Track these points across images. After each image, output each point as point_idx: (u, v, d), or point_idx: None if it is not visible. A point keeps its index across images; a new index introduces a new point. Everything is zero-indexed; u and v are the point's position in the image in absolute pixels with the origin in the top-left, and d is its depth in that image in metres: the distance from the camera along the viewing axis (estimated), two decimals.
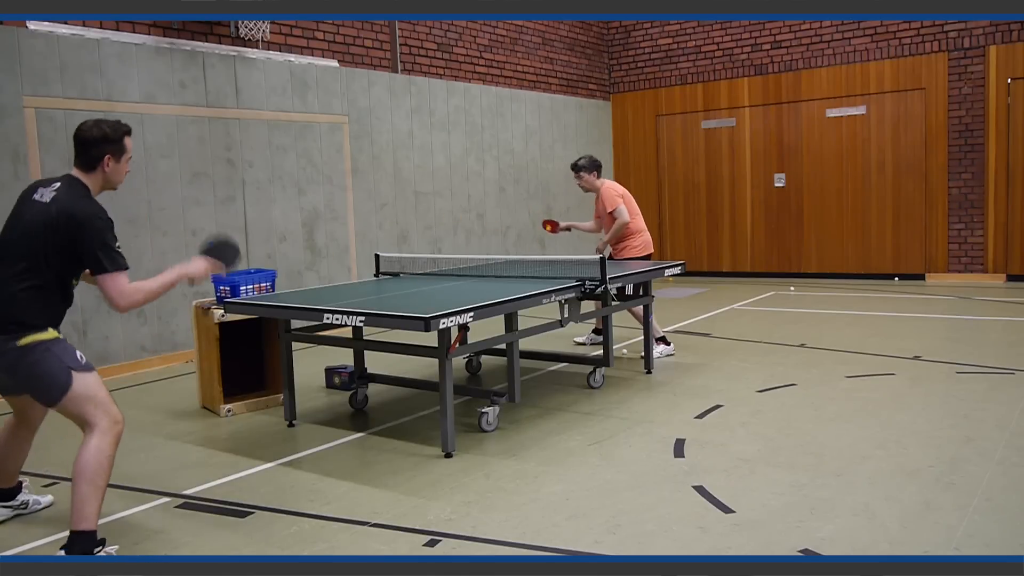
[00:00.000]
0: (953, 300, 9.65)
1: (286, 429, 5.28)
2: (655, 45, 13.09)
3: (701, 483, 4.00)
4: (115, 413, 3.41)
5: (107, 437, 3.34)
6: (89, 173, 3.51)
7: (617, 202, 7.01)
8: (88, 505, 3.26)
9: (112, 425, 3.37)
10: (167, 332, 7.48)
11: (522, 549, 3.39)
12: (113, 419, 3.39)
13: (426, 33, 10.22)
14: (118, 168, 3.56)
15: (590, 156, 7.25)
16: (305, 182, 8.65)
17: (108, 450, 3.33)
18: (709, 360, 6.80)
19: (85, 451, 3.30)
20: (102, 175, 3.53)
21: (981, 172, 10.84)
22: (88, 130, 3.50)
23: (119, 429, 3.41)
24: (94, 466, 3.28)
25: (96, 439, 3.32)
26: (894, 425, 4.83)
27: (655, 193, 13.21)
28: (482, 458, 4.52)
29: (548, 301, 5.09)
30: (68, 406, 3.36)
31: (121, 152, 3.55)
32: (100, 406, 3.37)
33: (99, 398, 3.38)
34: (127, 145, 3.59)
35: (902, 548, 3.24)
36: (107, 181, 3.56)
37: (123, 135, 3.56)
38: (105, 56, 7.05)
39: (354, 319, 4.40)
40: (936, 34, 10.98)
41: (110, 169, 3.53)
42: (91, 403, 3.36)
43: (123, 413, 3.47)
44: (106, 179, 3.55)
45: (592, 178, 7.15)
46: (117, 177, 3.58)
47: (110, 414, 3.38)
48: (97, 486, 3.28)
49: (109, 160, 3.51)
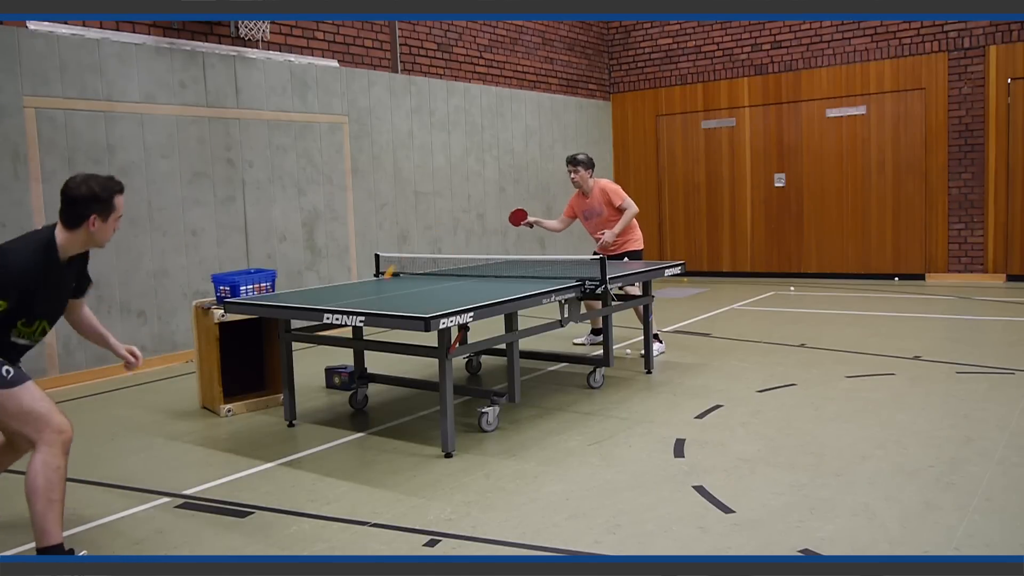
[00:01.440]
0: (953, 300, 9.65)
1: (286, 429, 5.28)
2: (655, 45, 13.09)
3: (701, 483, 4.00)
4: (57, 423, 3.24)
5: (52, 449, 3.20)
6: (71, 230, 3.33)
7: (625, 195, 7.18)
8: (46, 521, 3.18)
9: (56, 436, 3.22)
10: (167, 332, 7.48)
11: (522, 549, 3.39)
12: (56, 430, 3.23)
13: (426, 33, 10.22)
14: (104, 228, 3.36)
15: (587, 154, 7.34)
16: (305, 182, 8.65)
17: (55, 462, 3.20)
18: (709, 360, 6.80)
19: (32, 468, 3.19)
20: (86, 234, 3.34)
21: (981, 172, 10.84)
22: (76, 187, 3.29)
23: (65, 438, 3.25)
24: (43, 483, 3.17)
25: (41, 455, 3.20)
26: (894, 425, 4.83)
27: (655, 193, 13.21)
28: (482, 458, 4.52)
29: (548, 301, 5.09)
30: (4, 421, 3.26)
31: (109, 212, 3.34)
32: (38, 420, 3.22)
33: (35, 411, 3.22)
34: (117, 204, 3.37)
35: (902, 548, 3.23)
36: (91, 240, 3.38)
37: (113, 194, 3.35)
38: (105, 56, 7.05)
39: (354, 319, 4.40)
40: (936, 34, 10.98)
41: (95, 229, 3.33)
42: (27, 418, 3.22)
43: (71, 420, 3.33)
44: (90, 238, 3.36)
45: (587, 175, 7.21)
46: (103, 236, 3.38)
47: (51, 425, 3.22)
48: (51, 500, 3.18)
49: (95, 220, 3.31)
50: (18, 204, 6.50)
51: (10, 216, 6.43)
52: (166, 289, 7.48)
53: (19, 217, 6.46)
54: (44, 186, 6.62)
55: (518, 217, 7.32)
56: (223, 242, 7.91)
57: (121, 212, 3.42)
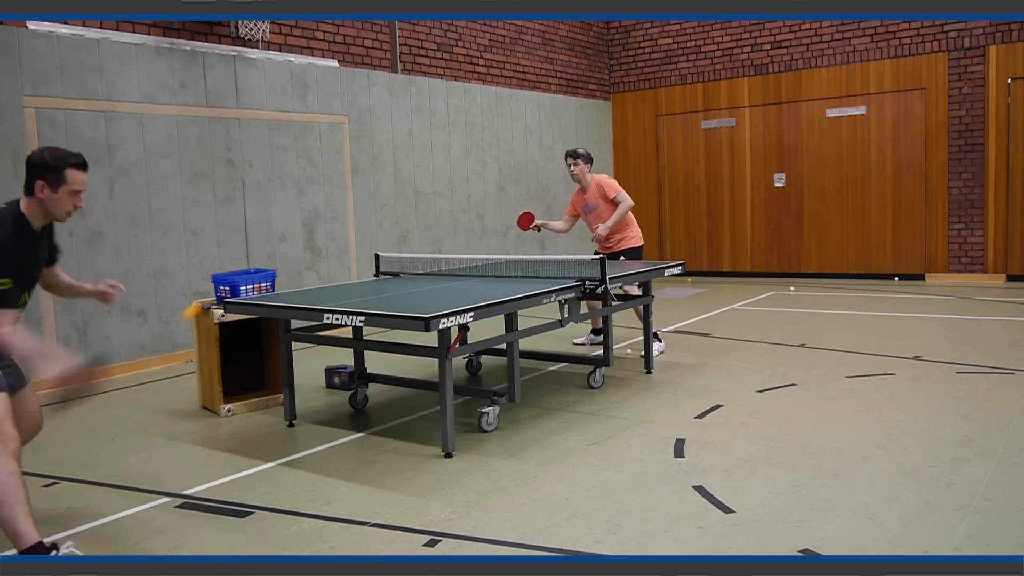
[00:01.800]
0: (953, 300, 9.65)
1: (286, 429, 5.28)
2: (655, 45, 13.09)
3: (701, 483, 4.00)
4: (7, 432, 3.15)
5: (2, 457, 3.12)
6: (27, 197, 3.44)
7: (619, 188, 7.20)
8: (16, 526, 3.11)
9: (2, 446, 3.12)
10: (167, 332, 7.48)
11: (522, 549, 3.39)
12: (10, 437, 3.15)
13: (426, 33, 10.22)
14: (55, 198, 3.40)
15: (586, 149, 7.38)
16: (305, 182, 8.65)
17: (5, 467, 3.10)
18: (709, 360, 6.80)
19: None
20: (38, 202, 3.41)
21: (981, 172, 10.84)
22: (34, 155, 3.45)
23: (13, 447, 3.16)
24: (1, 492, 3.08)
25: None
26: (894, 425, 4.83)
27: (655, 193, 13.21)
28: (482, 458, 4.52)
29: (548, 301, 5.09)
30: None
31: (59, 182, 3.39)
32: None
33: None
34: (68, 177, 3.41)
35: (902, 548, 3.24)
36: (45, 209, 3.43)
37: (66, 166, 3.41)
38: (105, 56, 7.05)
39: (354, 319, 4.40)
40: (936, 34, 10.98)
41: (45, 196, 3.40)
42: None
43: (14, 430, 3.21)
44: (43, 207, 3.43)
45: (586, 169, 7.25)
46: (55, 207, 3.43)
47: (3, 434, 3.13)
48: (11, 505, 3.10)
49: (43, 187, 3.39)
50: None
51: None
52: (166, 289, 7.48)
53: None
54: None
55: (526, 221, 7.35)
56: (223, 242, 7.91)
57: (77, 188, 3.45)
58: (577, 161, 7.24)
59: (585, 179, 7.28)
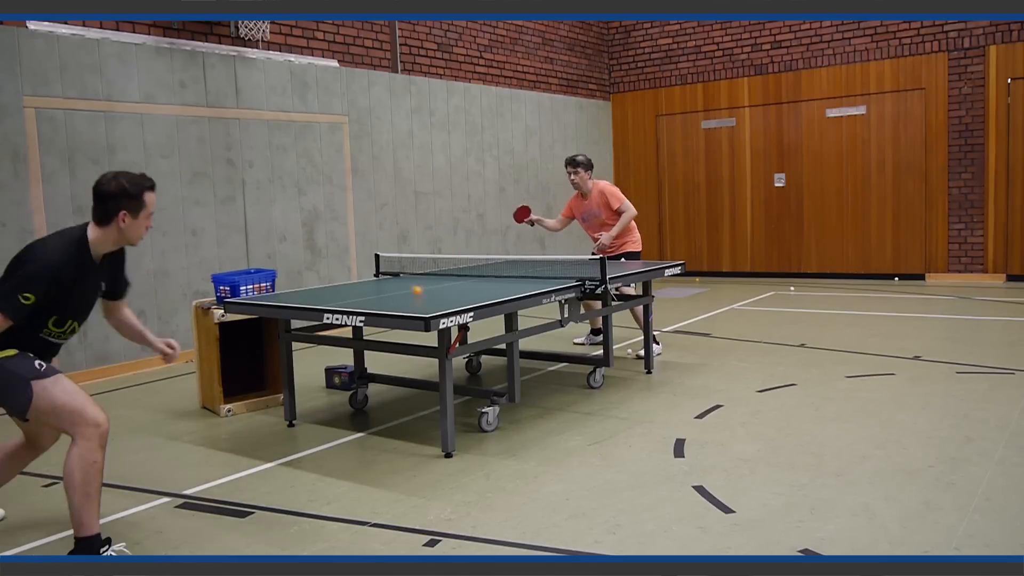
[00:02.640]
0: (953, 300, 9.65)
1: (286, 429, 5.28)
2: (655, 45, 13.09)
3: (701, 483, 4.00)
4: (93, 416, 3.24)
5: (89, 443, 3.22)
6: (102, 227, 3.38)
7: (623, 198, 7.20)
8: (84, 513, 3.22)
9: (93, 430, 3.23)
10: (167, 332, 7.47)
11: (522, 549, 3.39)
12: (92, 423, 3.23)
13: (426, 33, 10.22)
14: (135, 224, 3.40)
15: (586, 156, 7.36)
16: (305, 182, 8.65)
17: (91, 456, 3.21)
18: (709, 360, 6.80)
19: (69, 461, 3.21)
20: (116, 231, 3.38)
21: (981, 172, 10.84)
22: (106, 183, 3.36)
23: (102, 431, 3.26)
24: (80, 476, 3.19)
25: (77, 448, 3.22)
26: (894, 425, 4.83)
27: (655, 193, 13.21)
28: (482, 458, 4.52)
29: (548, 301, 5.09)
30: (40, 417, 3.29)
31: (139, 208, 3.39)
32: (73, 412, 3.23)
33: (71, 405, 3.24)
34: (147, 201, 3.41)
35: (902, 548, 3.24)
36: (122, 237, 3.42)
37: (143, 190, 3.40)
38: (105, 56, 7.05)
39: (354, 319, 4.40)
40: (936, 34, 10.98)
41: (125, 225, 3.37)
42: (62, 411, 3.23)
43: (107, 413, 3.35)
44: (121, 235, 3.41)
45: (586, 176, 7.24)
46: (134, 233, 3.42)
47: (87, 418, 3.23)
48: (88, 494, 3.21)
49: (125, 216, 3.36)
50: (18, 204, 6.50)
51: (10, 216, 6.43)
52: (166, 289, 7.48)
53: (19, 217, 6.46)
54: (44, 186, 6.63)
55: (522, 214, 7.35)
56: (223, 242, 7.91)
57: (152, 209, 3.46)
58: (577, 169, 7.22)
59: (586, 186, 7.25)
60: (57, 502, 4.08)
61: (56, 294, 3.29)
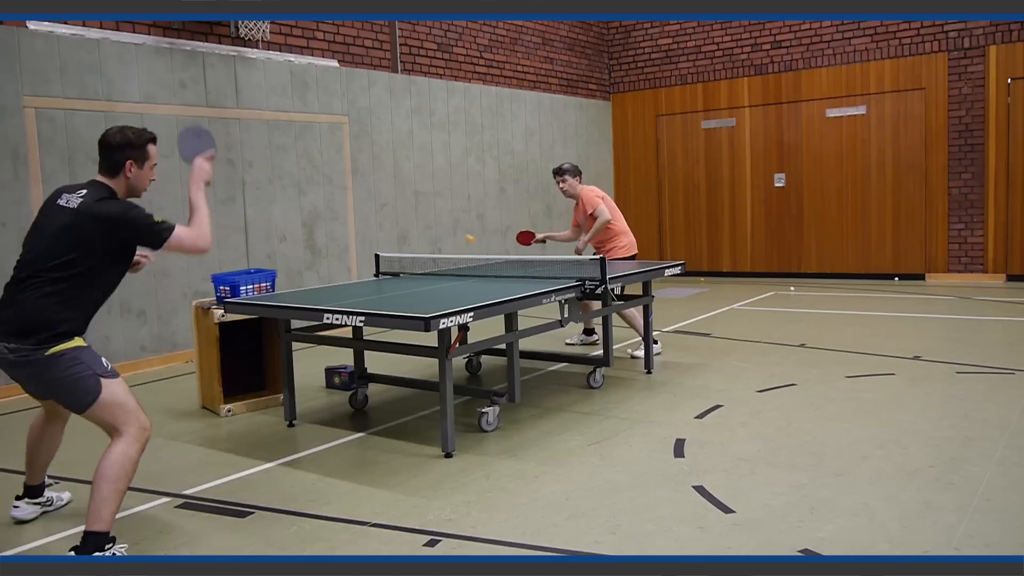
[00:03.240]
0: (953, 300, 9.65)
1: (286, 429, 5.28)
2: (655, 45, 13.09)
3: (701, 483, 4.00)
4: (144, 420, 3.44)
5: (135, 444, 3.37)
6: (112, 178, 3.55)
7: (597, 203, 7.11)
8: (107, 507, 3.29)
9: (140, 432, 3.41)
10: (167, 332, 7.48)
11: (522, 549, 3.39)
12: (141, 426, 3.42)
13: (426, 33, 10.22)
14: (141, 174, 3.59)
15: (572, 162, 7.35)
16: (305, 182, 8.65)
17: (134, 456, 3.37)
18: (709, 360, 6.80)
19: (111, 454, 3.33)
20: (125, 180, 3.56)
21: (981, 172, 10.84)
22: (112, 136, 3.53)
23: (147, 435, 3.44)
24: (117, 470, 3.31)
25: (123, 444, 3.35)
26: (894, 425, 4.83)
27: (655, 193, 13.21)
28: (482, 458, 4.52)
29: (548, 301, 5.09)
30: (97, 412, 3.39)
31: (144, 158, 3.58)
32: (129, 412, 3.41)
33: (128, 404, 3.42)
34: (151, 152, 3.61)
35: (902, 548, 3.24)
36: (131, 187, 3.60)
37: (147, 142, 3.59)
38: (105, 56, 7.05)
39: (354, 319, 4.40)
40: (936, 34, 10.98)
41: (132, 175, 3.56)
42: (120, 409, 3.39)
43: (147, 419, 3.48)
44: (129, 185, 3.59)
45: (576, 182, 7.26)
46: (140, 183, 3.61)
47: (139, 421, 3.42)
48: (118, 489, 3.31)
49: (131, 166, 3.54)
50: (18, 204, 6.50)
51: (10, 216, 6.43)
52: (166, 289, 7.48)
53: (19, 217, 6.46)
54: (44, 186, 6.62)
55: (526, 238, 7.36)
56: (223, 242, 7.91)
57: (156, 160, 3.67)
58: (564, 177, 7.24)
59: (575, 191, 7.26)
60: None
61: None
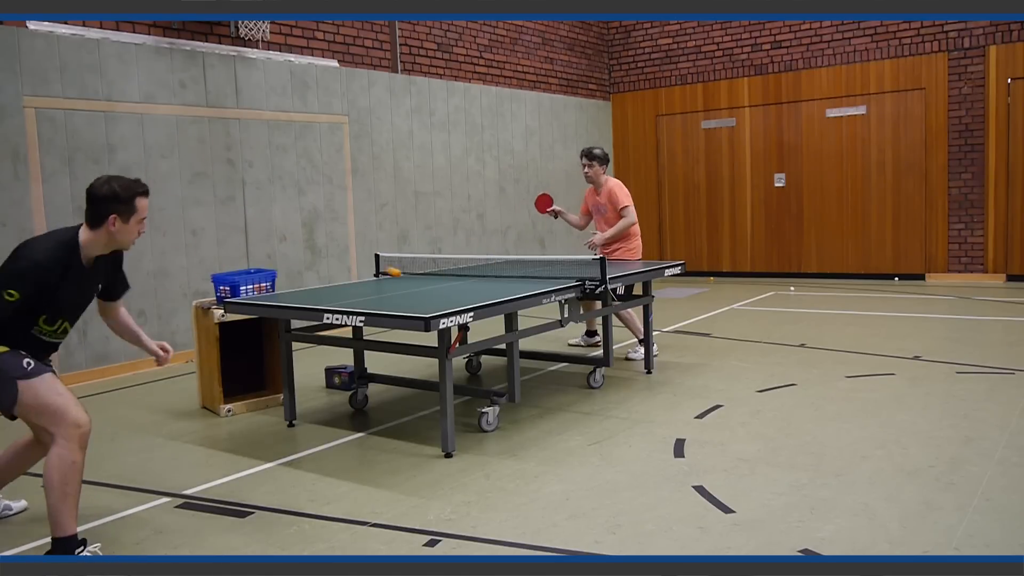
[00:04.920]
0: (953, 300, 9.65)
1: (286, 429, 5.28)
2: (655, 45, 13.09)
3: (701, 483, 4.00)
4: (75, 417, 3.29)
5: (68, 444, 3.25)
6: (93, 229, 3.39)
7: (628, 202, 7.07)
8: (61, 514, 3.24)
9: (73, 430, 3.27)
10: (167, 332, 7.48)
11: (522, 549, 3.39)
12: (74, 423, 3.28)
13: (426, 33, 10.22)
14: (126, 229, 3.41)
15: (603, 149, 7.27)
16: (305, 182, 8.65)
17: (71, 456, 3.25)
18: (709, 360, 6.80)
19: (49, 460, 3.25)
20: (107, 234, 3.40)
21: (981, 172, 10.84)
22: (99, 187, 3.37)
23: (82, 432, 3.30)
24: (59, 477, 3.22)
25: (57, 448, 3.25)
26: (894, 425, 4.83)
27: (655, 193, 13.21)
28: (482, 458, 4.52)
29: (548, 301, 5.09)
30: (24, 415, 3.33)
31: (130, 213, 3.39)
32: (55, 413, 3.27)
33: (54, 404, 3.28)
34: (138, 206, 3.42)
35: (902, 548, 3.24)
36: (113, 241, 3.44)
37: (135, 195, 3.41)
38: (105, 56, 7.05)
39: (354, 319, 4.40)
40: (936, 34, 10.98)
41: (116, 228, 3.38)
42: (44, 411, 3.28)
43: (89, 415, 3.39)
44: (111, 238, 3.42)
45: (601, 171, 7.20)
46: (125, 238, 3.44)
47: (68, 418, 3.27)
48: (66, 494, 3.24)
49: (115, 220, 3.37)
50: (18, 204, 6.50)
51: (10, 216, 6.43)
52: (166, 289, 7.48)
53: (19, 217, 6.46)
54: (44, 186, 6.63)
55: (544, 203, 7.26)
56: (223, 242, 7.91)
57: (144, 215, 3.47)
58: (592, 163, 7.17)
59: (599, 180, 7.22)
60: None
61: (42, 294, 3.31)
